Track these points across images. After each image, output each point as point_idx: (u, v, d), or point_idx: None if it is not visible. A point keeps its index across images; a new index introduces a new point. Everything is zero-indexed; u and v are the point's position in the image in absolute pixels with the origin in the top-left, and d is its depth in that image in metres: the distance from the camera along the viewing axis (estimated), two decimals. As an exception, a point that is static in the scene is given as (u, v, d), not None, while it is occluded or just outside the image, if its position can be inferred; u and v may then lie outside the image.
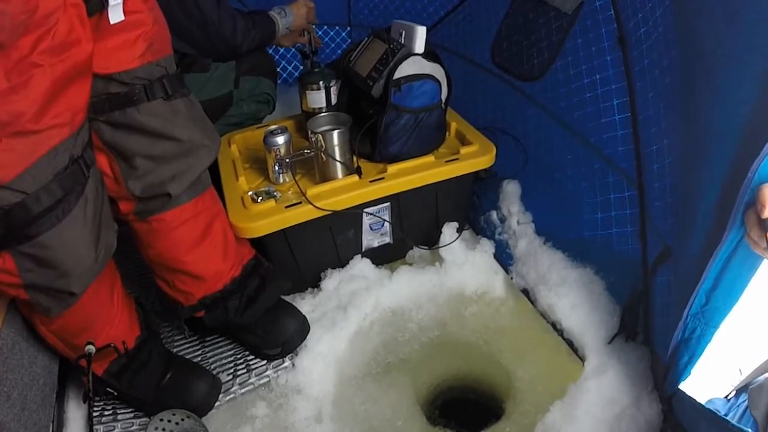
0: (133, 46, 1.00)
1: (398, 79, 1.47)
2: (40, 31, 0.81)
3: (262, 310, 1.36)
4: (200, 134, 1.14)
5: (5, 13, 0.75)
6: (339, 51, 2.52)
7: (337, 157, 1.50)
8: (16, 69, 0.79)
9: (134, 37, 1.00)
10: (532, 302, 1.56)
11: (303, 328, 1.43)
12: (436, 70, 1.52)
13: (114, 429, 1.29)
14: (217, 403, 1.32)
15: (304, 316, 1.45)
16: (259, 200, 1.45)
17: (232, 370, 1.41)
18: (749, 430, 0.83)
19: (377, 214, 1.58)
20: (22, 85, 0.80)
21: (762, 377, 0.92)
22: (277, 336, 1.40)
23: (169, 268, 1.25)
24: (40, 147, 0.85)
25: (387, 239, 1.68)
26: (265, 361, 1.43)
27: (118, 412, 1.32)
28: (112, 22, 0.95)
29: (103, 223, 1.01)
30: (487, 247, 1.69)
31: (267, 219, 1.38)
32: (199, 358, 1.44)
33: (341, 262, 1.64)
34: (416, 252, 1.73)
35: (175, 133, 1.09)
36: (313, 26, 1.94)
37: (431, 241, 1.72)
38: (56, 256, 0.92)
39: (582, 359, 1.36)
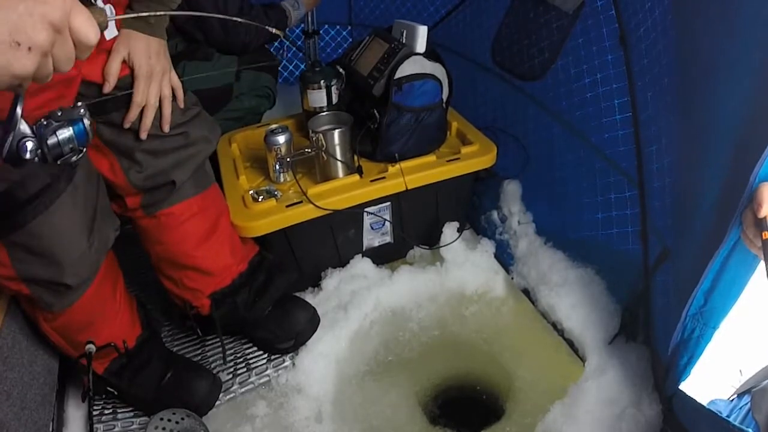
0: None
1: (399, 78, 1.47)
2: None
3: (270, 302, 1.37)
4: (198, 126, 1.17)
5: None
6: (340, 50, 2.52)
7: (338, 157, 1.50)
8: None
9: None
10: (532, 302, 1.56)
11: (314, 319, 1.44)
12: (437, 69, 1.51)
13: (114, 428, 1.29)
14: (217, 402, 1.32)
15: (313, 307, 1.45)
16: (259, 199, 1.45)
17: (232, 369, 1.41)
18: (749, 430, 0.82)
19: (378, 214, 1.58)
20: None
21: (766, 381, 0.92)
22: (289, 329, 1.40)
23: (177, 265, 1.26)
24: None
25: (388, 239, 1.68)
26: (264, 361, 1.43)
27: (118, 411, 1.32)
28: (108, 38, 1.00)
29: (98, 214, 1.02)
30: (487, 246, 1.69)
31: (268, 218, 1.39)
32: (199, 358, 1.44)
33: (342, 262, 1.64)
34: (417, 251, 1.73)
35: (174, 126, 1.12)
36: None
37: (432, 240, 1.72)
38: (46, 245, 0.93)
39: (582, 359, 1.36)
